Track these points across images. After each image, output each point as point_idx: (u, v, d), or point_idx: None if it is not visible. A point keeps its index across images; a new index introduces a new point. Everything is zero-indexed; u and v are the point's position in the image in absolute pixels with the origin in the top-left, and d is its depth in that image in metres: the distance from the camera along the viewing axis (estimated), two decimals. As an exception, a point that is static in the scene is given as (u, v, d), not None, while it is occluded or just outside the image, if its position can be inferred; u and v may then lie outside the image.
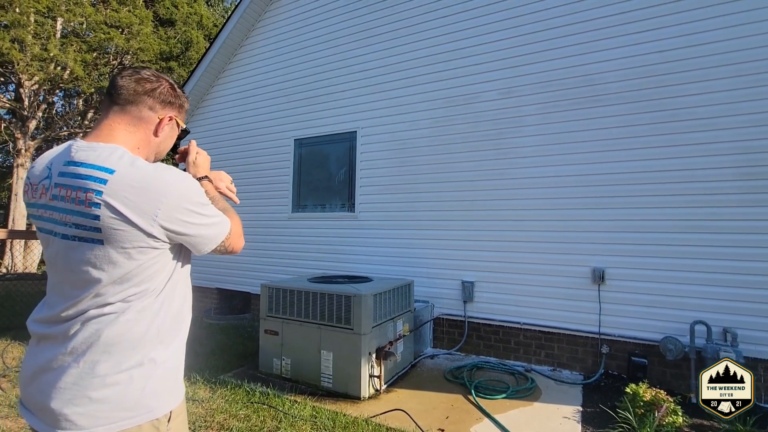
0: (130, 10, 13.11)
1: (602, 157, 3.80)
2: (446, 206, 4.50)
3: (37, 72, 11.40)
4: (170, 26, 15.13)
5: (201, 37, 15.50)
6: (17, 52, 10.76)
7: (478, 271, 4.28)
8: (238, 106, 6.33)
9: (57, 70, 11.92)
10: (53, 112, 14.02)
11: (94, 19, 12.21)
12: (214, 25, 16.68)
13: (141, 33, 13.07)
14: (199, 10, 16.29)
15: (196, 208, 0.99)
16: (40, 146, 13.36)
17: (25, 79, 11.90)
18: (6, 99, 12.55)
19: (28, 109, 12.36)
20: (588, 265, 3.79)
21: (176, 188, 0.94)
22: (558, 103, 4.01)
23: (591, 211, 3.82)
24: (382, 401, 3.07)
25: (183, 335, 1.09)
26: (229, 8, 22.29)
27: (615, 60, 3.78)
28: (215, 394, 3.10)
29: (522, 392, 3.26)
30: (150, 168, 0.93)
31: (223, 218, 1.08)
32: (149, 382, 0.96)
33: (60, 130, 13.96)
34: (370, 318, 3.16)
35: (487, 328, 4.24)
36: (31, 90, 12.31)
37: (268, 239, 5.80)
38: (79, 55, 11.98)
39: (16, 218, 12.10)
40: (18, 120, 12.50)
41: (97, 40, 12.56)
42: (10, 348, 4.03)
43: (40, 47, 11.28)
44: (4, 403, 2.89)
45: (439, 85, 4.63)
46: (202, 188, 1.05)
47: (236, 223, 1.14)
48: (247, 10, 6.06)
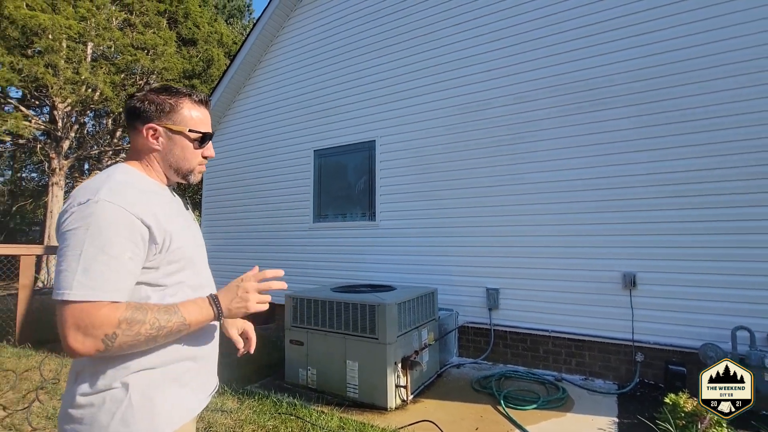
0: (154, 31, 13.68)
1: (620, 159, 3.70)
2: (466, 212, 4.46)
3: (70, 95, 11.98)
4: (192, 45, 15.68)
5: (221, 54, 16.00)
6: (51, 76, 11.35)
7: (502, 277, 4.20)
8: (258, 120, 6.47)
9: (88, 92, 12.49)
10: (85, 132, 14.67)
11: (121, 42, 12.78)
12: (233, 42, 17.21)
13: (165, 53, 13.60)
14: (219, 28, 16.85)
15: (75, 238, 0.89)
16: (72, 165, 13.98)
17: (59, 102, 12.52)
18: (41, 121, 13.22)
19: (62, 130, 12.98)
20: (617, 269, 3.67)
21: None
22: (572, 106, 3.95)
23: (614, 214, 3.71)
24: (409, 412, 3.03)
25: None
26: (248, 26, 23.00)
27: (627, 61, 3.72)
28: (243, 405, 3.13)
29: (553, 402, 3.15)
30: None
31: (89, 277, 0.86)
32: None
33: (91, 149, 14.59)
34: (395, 327, 3.14)
35: (513, 336, 4.14)
36: (64, 112, 12.94)
37: (290, 249, 5.86)
38: (108, 77, 12.54)
39: (51, 235, 12.64)
40: (52, 141, 13.14)
41: (124, 62, 13.13)
42: (48, 360, 4.18)
43: (72, 71, 11.87)
44: (42, 414, 2.99)
45: (454, 92, 4.62)
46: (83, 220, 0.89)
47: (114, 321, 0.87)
48: (266, 27, 6.22)
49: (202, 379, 1.13)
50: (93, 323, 0.85)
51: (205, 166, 1.20)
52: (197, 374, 1.10)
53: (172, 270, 1.03)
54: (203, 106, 1.15)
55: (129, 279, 0.93)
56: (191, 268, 1.10)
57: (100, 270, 0.87)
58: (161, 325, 0.92)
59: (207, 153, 1.17)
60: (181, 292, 1.06)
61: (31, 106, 13.93)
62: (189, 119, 1.10)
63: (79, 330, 0.85)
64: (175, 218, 1.08)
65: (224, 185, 6.85)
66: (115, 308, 0.88)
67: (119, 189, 0.95)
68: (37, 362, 4.14)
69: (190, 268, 1.09)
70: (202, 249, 1.21)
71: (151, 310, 0.93)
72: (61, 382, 3.62)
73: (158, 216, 0.99)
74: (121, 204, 0.92)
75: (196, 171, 1.16)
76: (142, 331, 0.89)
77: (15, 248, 5.43)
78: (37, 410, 3.03)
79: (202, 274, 1.16)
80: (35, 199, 18.03)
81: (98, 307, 0.87)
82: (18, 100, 13.79)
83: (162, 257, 1.00)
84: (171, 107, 1.08)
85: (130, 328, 0.88)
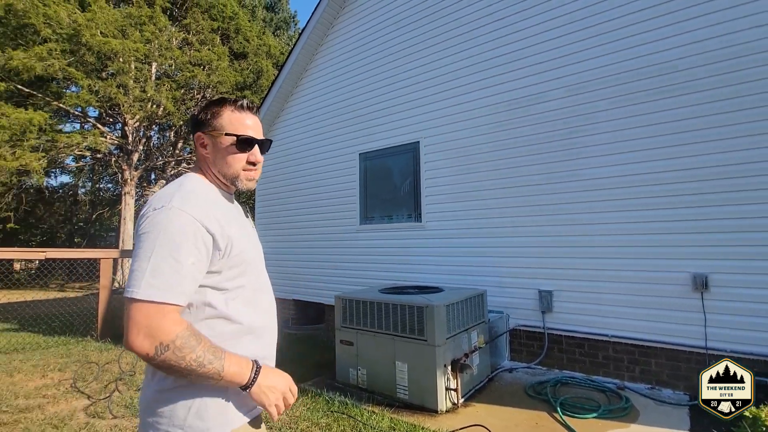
0: (209, 48, 14.62)
1: (691, 150, 3.39)
2: (515, 212, 4.31)
3: (138, 111, 13.13)
4: (243, 58, 16.57)
5: (270, 65, 16.76)
6: (122, 95, 12.50)
7: (556, 279, 4.02)
8: (306, 126, 6.70)
9: (153, 107, 13.62)
10: (151, 144, 15.99)
11: (180, 60, 13.80)
12: (281, 53, 17.96)
13: (219, 68, 14.49)
14: (267, 41, 17.66)
15: (149, 239, 0.95)
16: (141, 175, 15.28)
17: (129, 118, 13.75)
18: (115, 137, 14.59)
19: (132, 143, 14.25)
20: (686, 270, 3.38)
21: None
22: (634, 95, 3.67)
23: (684, 210, 3.41)
24: (460, 415, 2.99)
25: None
26: (294, 36, 23.87)
27: (698, 43, 3.38)
28: (297, 402, 3.25)
29: (616, 412, 2.97)
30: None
31: (156, 278, 0.91)
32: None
33: (156, 160, 15.86)
34: (444, 329, 3.11)
35: (569, 340, 3.95)
36: (133, 127, 14.19)
37: (338, 251, 6.00)
38: (170, 93, 13.59)
39: (124, 240, 13.90)
40: (124, 154, 14.45)
41: (183, 78, 14.16)
42: (125, 354, 4.60)
43: (140, 89, 13.00)
44: (121, 403, 3.29)
45: (500, 89, 4.49)
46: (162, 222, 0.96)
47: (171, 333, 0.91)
48: (310, 36, 6.43)
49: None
50: (155, 326, 0.90)
51: (255, 173, 1.18)
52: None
53: (234, 274, 1.07)
54: (246, 111, 1.15)
55: (192, 283, 0.97)
56: (251, 272, 1.14)
57: (167, 273, 0.92)
58: (202, 363, 0.92)
59: (251, 158, 1.14)
60: (242, 296, 1.10)
61: (105, 124, 15.43)
62: (228, 124, 1.12)
63: (141, 329, 0.89)
64: (235, 224, 1.11)
65: (275, 190, 7.16)
66: (179, 322, 0.93)
67: (188, 197, 1.02)
68: (116, 355, 4.57)
69: (250, 272, 1.13)
70: (260, 253, 1.25)
71: (204, 343, 0.94)
72: (137, 374, 3.97)
73: (221, 223, 1.04)
74: (190, 212, 0.98)
75: (242, 177, 1.14)
76: (187, 359, 0.91)
77: (96, 252, 6.04)
78: (117, 399, 3.35)
79: (261, 278, 1.20)
80: (111, 208, 19.93)
81: (164, 312, 0.91)
82: (95, 118, 15.33)
83: (224, 262, 1.04)
84: (213, 114, 1.13)
85: (180, 349, 0.91)
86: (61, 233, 20.20)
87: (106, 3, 12.81)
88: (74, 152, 13.45)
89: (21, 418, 3.01)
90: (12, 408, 3.20)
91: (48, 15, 11.23)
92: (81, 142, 12.68)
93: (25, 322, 7.09)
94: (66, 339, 5.51)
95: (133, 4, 13.73)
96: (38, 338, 5.64)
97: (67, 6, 11.80)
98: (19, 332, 6.16)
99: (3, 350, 5.01)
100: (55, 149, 12.43)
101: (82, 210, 20.27)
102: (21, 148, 11.12)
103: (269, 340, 1.19)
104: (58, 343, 5.33)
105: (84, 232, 21.03)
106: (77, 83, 12.45)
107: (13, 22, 11.28)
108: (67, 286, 14.57)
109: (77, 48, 11.67)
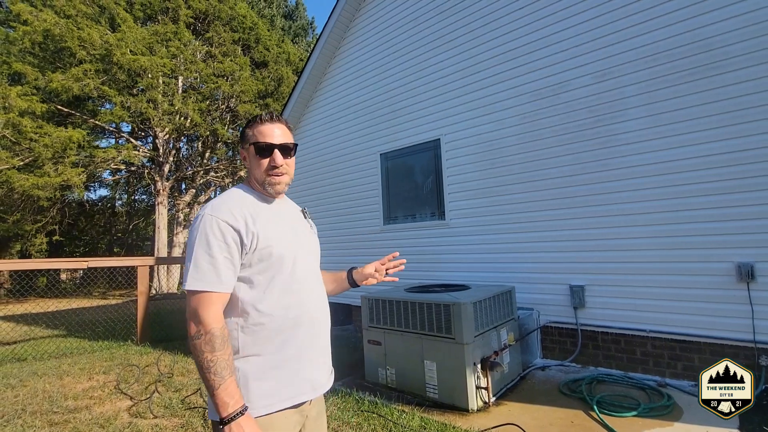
0: (231, 59, 15.04)
1: (731, 132, 3.20)
2: (542, 206, 4.20)
3: (167, 124, 13.66)
4: (264, 67, 16.95)
5: (290, 72, 17.07)
6: (152, 110, 13.05)
7: (588, 273, 3.89)
8: (327, 129, 6.78)
9: (181, 120, 14.13)
10: (180, 155, 16.61)
11: (205, 72, 14.26)
12: (300, 59, 18.26)
13: (241, 78, 14.89)
14: (286, 48, 18.00)
15: (192, 243, 1.16)
16: (173, 185, 15.89)
17: (159, 131, 14.34)
18: (147, 149, 15.24)
19: (163, 155, 14.83)
20: (730, 260, 3.19)
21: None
22: (667, 77, 3.50)
23: (725, 196, 3.22)
24: (491, 414, 2.94)
25: (268, 348, 1.17)
26: (312, 42, 24.21)
27: (739, 16, 3.19)
28: (328, 401, 3.28)
29: (657, 410, 2.84)
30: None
31: (198, 272, 1.11)
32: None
33: (186, 170, 16.45)
34: (472, 327, 3.07)
35: (604, 336, 3.81)
36: (163, 139, 14.78)
37: (362, 252, 6.03)
38: (196, 104, 14.07)
39: (159, 248, 14.48)
40: (156, 165, 15.07)
41: (208, 90, 14.64)
42: (162, 357, 4.78)
43: (168, 103, 13.53)
44: (161, 404, 3.43)
45: (524, 79, 4.39)
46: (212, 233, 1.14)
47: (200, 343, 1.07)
48: (327, 41, 6.50)
49: (304, 374, 1.22)
50: (200, 314, 1.09)
51: (281, 177, 1.28)
52: (297, 370, 1.21)
53: (263, 267, 1.19)
54: (266, 123, 1.29)
55: (228, 273, 1.14)
56: (284, 267, 1.22)
57: (204, 267, 1.12)
58: (209, 368, 1.05)
59: (272, 162, 1.26)
60: (270, 291, 1.19)
61: (138, 138, 16.14)
62: (251, 137, 1.28)
63: (191, 313, 1.11)
64: (273, 222, 1.24)
65: (299, 193, 7.27)
66: (218, 320, 1.10)
67: (219, 204, 1.20)
68: (155, 358, 4.76)
69: (282, 266, 1.21)
70: (303, 250, 1.31)
71: (224, 355, 1.07)
72: (175, 375, 4.12)
73: (248, 221, 1.18)
74: (218, 215, 1.16)
75: (266, 181, 1.27)
76: (205, 355, 1.06)
77: (133, 260, 6.32)
78: (157, 400, 3.49)
79: (297, 277, 1.25)
80: (146, 218, 20.82)
81: (209, 301, 1.10)
82: (128, 133, 16.07)
83: (251, 256, 1.18)
84: (244, 131, 1.32)
85: (207, 343, 1.06)
86: (101, 244, 21.29)
87: (134, 22, 13.42)
88: (110, 166, 14.17)
89: (70, 418, 3.19)
90: (62, 409, 3.38)
91: (82, 38, 11.87)
92: (116, 156, 13.33)
93: (72, 328, 7.50)
94: (109, 343, 5.79)
95: (158, 22, 14.32)
96: (84, 343, 5.95)
97: (99, 28, 12.45)
98: (67, 338, 6.52)
99: (53, 355, 5.32)
100: (93, 164, 13.12)
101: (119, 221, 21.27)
102: (63, 164, 11.81)
103: (307, 332, 1.25)
104: (102, 347, 5.60)
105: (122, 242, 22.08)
106: (111, 100, 13.11)
107: (51, 46, 12.00)
108: (108, 293, 15.33)
109: (109, 67, 12.28)
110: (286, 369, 1.18)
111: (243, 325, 1.17)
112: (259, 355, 1.16)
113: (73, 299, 13.16)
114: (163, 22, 14.11)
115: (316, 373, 1.27)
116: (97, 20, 12.82)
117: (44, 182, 11.23)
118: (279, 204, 1.34)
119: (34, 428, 3.02)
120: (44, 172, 11.47)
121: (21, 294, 13.60)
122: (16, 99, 10.81)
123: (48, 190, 11.71)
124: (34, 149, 11.19)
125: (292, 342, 1.20)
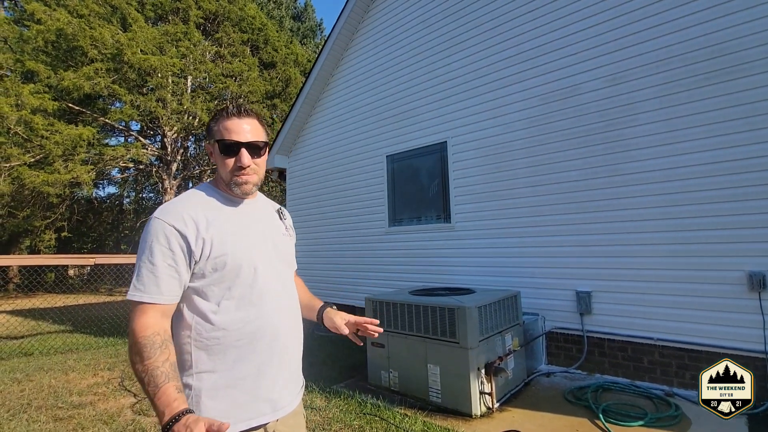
0: (240, 60, 15.14)
1: (745, 138, 3.14)
2: (549, 210, 4.16)
3: (176, 123, 13.77)
4: (272, 68, 17.05)
5: (297, 73, 17.15)
6: (161, 109, 13.16)
7: (595, 279, 3.84)
8: (333, 130, 6.78)
9: (189, 119, 14.24)
10: (188, 155, 16.73)
11: (214, 72, 14.37)
12: (308, 60, 18.34)
13: (249, 78, 14.98)
14: (294, 50, 18.09)
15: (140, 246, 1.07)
16: (180, 184, 16.00)
17: (168, 130, 14.45)
18: (155, 148, 15.37)
19: (171, 154, 14.95)
20: (741, 269, 3.13)
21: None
22: (681, 82, 3.46)
23: (737, 204, 3.17)
24: (495, 420, 2.91)
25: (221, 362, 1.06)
26: (320, 43, 24.32)
27: (756, 21, 3.14)
28: (330, 404, 3.27)
29: (665, 420, 2.79)
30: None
31: (138, 281, 1.02)
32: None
33: (193, 169, 16.57)
34: (476, 331, 3.04)
35: (611, 344, 3.76)
36: (172, 138, 14.90)
37: (367, 254, 6.02)
38: (205, 104, 14.17)
39: (166, 246, 14.56)
40: (164, 164, 15.19)
41: (217, 90, 14.74)
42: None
43: (177, 102, 13.64)
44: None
45: (534, 82, 4.35)
46: (157, 234, 1.04)
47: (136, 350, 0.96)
48: (335, 42, 6.51)
49: (264, 394, 1.11)
50: (130, 325, 1.00)
51: (247, 177, 1.15)
52: (255, 389, 1.10)
53: (217, 278, 1.07)
54: (233, 117, 1.14)
55: (170, 282, 1.03)
56: (240, 279, 1.09)
57: (144, 276, 1.02)
58: (142, 379, 0.93)
59: (237, 162, 1.13)
60: (226, 303, 1.08)
61: (147, 136, 16.29)
62: (217, 132, 1.15)
63: (129, 324, 1.00)
64: (233, 227, 1.12)
65: (304, 194, 7.28)
66: (149, 327, 0.98)
67: (170, 207, 1.09)
68: (159, 356, 4.78)
69: (236, 278, 1.09)
70: (271, 260, 1.18)
71: (155, 362, 0.93)
72: (178, 374, 4.14)
73: (199, 226, 1.06)
74: (164, 219, 1.05)
75: (233, 181, 1.14)
76: (138, 367, 0.95)
77: (139, 258, 6.36)
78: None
79: (259, 287, 1.13)
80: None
81: (143, 311, 1.00)
82: (137, 131, 16.23)
83: (204, 264, 1.06)
84: (210, 125, 1.19)
85: (134, 356, 0.96)
86: (109, 240, 21.48)
87: (144, 22, 13.56)
88: (119, 164, 14.28)
89: (75, 414, 3.20)
90: (67, 404, 3.40)
91: (94, 37, 12.01)
92: (125, 155, 13.45)
93: (78, 323, 7.57)
94: (114, 340, 5.82)
95: (169, 22, 14.46)
96: (90, 339, 6.00)
97: (110, 27, 12.59)
98: (73, 333, 6.58)
99: (59, 350, 5.37)
100: (102, 162, 13.25)
101: (127, 218, 21.45)
102: (73, 161, 11.93)
103: (268, 346, 1.13)
104: (108, 343, 5.64)
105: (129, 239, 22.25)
106: (121, 99, 13.24)
107: (64, 45, 12.16)
108: (115, 290, 15.45)
109: (120, 66, 12.42)
110: (241, 388, 1.07)
111: (196, 338, 1.06)
112: (213, 372, 1.06)
113: (80, 295, 13.29)
114: (174, 22, 14.24)
115: (279, 393, 1.14)
116: (108, 20, 12.97)
117: (54, 179, 11.36)
118: (248, 205, 1.21)
119: (38, 423, 3.04)
120: (54, 169, 11.60)
121: (29, 289, 13.76)
122: (29, 96, 10.95)
123: (58, 187, 11.84)
124: (45, 146, 11.33)
125: (251, 358, 1.08)
